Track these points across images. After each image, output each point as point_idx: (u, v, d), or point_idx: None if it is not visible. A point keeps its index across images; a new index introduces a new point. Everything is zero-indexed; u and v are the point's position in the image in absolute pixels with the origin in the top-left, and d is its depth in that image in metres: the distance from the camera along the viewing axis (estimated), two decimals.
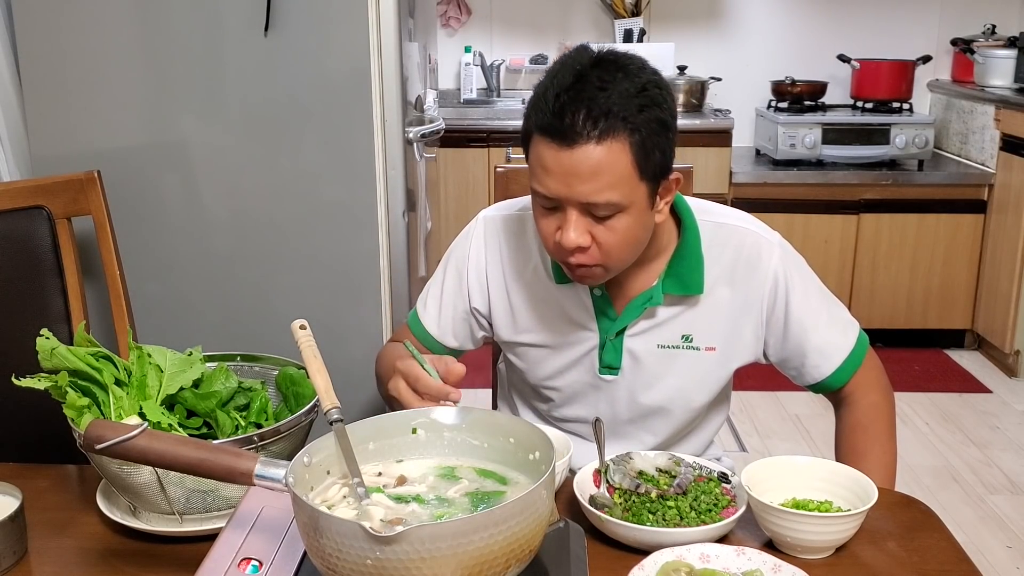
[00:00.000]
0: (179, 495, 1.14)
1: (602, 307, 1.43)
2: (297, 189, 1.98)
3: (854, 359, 1.47)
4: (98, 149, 1.97)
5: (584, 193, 1.23)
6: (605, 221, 1.25)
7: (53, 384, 1.17)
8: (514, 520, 0.89)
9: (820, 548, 1.12)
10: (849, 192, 3.95)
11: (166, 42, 1.92)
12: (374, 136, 1.96)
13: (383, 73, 1.93)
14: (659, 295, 1.40)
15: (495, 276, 1.49)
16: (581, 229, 1.25)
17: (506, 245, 1.48)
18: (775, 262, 1.41)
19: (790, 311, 1.42)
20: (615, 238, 1.27)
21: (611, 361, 1.44)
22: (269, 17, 1.89)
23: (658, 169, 1.26)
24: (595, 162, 1.21)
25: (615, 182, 1.22)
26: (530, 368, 1.51)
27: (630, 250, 1.31)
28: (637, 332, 1.43)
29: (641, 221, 1.28)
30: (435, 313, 1.53)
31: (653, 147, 1.24)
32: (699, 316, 1.42)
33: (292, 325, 1.21)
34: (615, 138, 1.21)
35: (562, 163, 1.22)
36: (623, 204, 1.24)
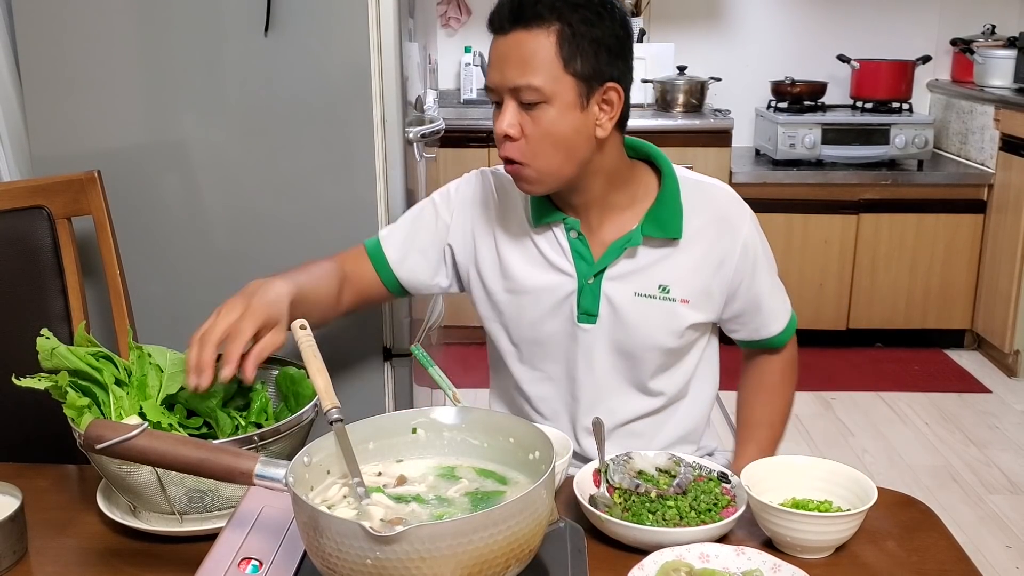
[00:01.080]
0: (179, 495, 1.14)
1: (579, 249, 1.46)
2: (297, 189, 1.98)
3: (792, 322, 1.60)
4: (98, 149, 1.97)
5: (511, 77, 1.33)
6: (532, 111, 1.34)
7: (53, 384, 1.17)
8: (514, 520, 0.89)
9: (820, 548, 1.12)
10: (849, 192, 3.95)
11: (166, 42, 1.92)
12: (374, 136, 1.96)
13: (383, 73, 1.93)
14: (638, 236, 1.44)
15: (483, 226, 1.53)
16: (513, 119, 1.35)
17: (498, 196, 1.54)
18: (747, 230, 1.49)
19: (755, 278, 1.51)
20: (539, 131, 1.34)
21: (589, 307, 1.47)
22: (269, 17, 1.89)
23: (589, 71, 1.33)
24: (523, 47, 1.32)
25: (538, 67, 1.32)
26: (510, 321, 1.52)
27: (557, 150, 1.36)
28: (616, 276, 1.46)
29: (568, 120, 1.34)
30: (400, 238, 1.56)
31: (582, 45, 1.32)
32: (677, 266, 1.46)
33: (292, 325, 1.21)
34: (541, 25, 1.32)
35: (498, 50, 1.36)
36: (546, 92, 1.32)
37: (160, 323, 1.99)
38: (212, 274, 2.05)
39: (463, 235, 1.54)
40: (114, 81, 1.95)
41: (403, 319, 2.05)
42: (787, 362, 1.63)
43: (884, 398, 3.66)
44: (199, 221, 2.01)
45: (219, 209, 2.00)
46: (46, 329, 1.21)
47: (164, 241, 2.01)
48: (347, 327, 2.03)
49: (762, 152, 4.21)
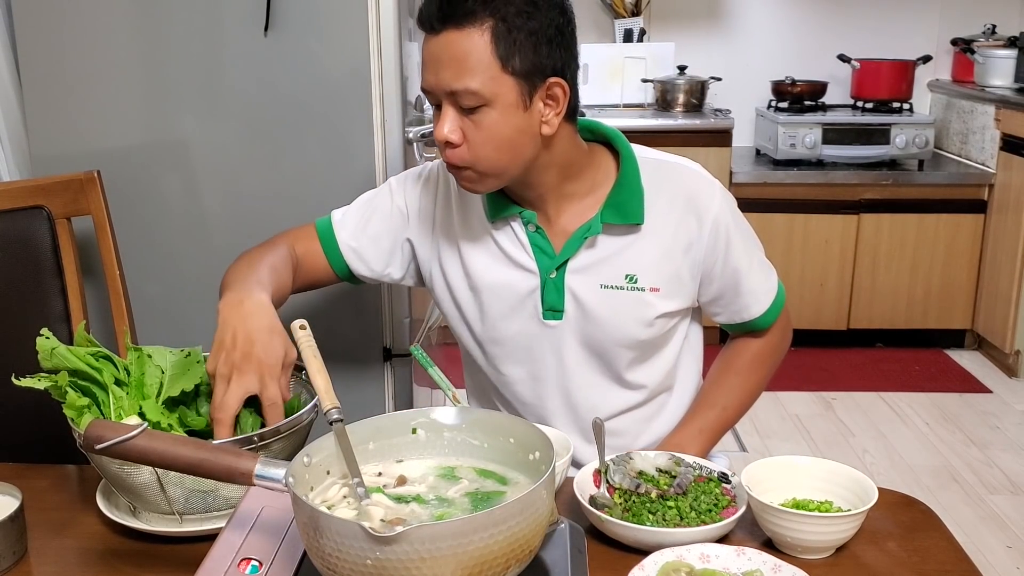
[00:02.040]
0: (179, 495, 1.14)
1: (538, 243, 1.42)
2: (297, 189, 1.98)
3: (779, 301, 1.53)
4: (98, 149, 1.96)
5: (446, 80, 1.26)
6: (472, 115, 1.27)
7: (53, 384, 1.17)
8: (514, 520, 0.89)
9: (820, 548, 1.12)
10: (849, 192, 3.95)
11: (166, 42, 1.92)
12: (374, 136, 1.95)
13: (383, 73, 1.92)
14: (597, 224, 1.39)
15: (444, 222, 1.48)
16: (453, 124, 1.28)
17: (456, 192, 1.47)
18: (716, 206, 1.43)
19: (729, 256, 1.44)
20: (481, 135, 1.28)
21: (553, 302, 1.42)
22: (269, 17, 1.89)
23: (529, 68, 1.26)
24: (456, 48, 1.24)
25: (474, 69, 1.24)
26: (474, 320, 1.48)
27: (499, 152, 1.30)
28: (578, 268, 1.41)
29: (510, 121, 1.28)
30: (353, 223, 1.51)
31: (520, 42, 1.25)
32: (642, 254, 1.41)
33: (292, 325, 1.21)
34: (474, 24, 1.24)
35: (431, 51, 1.27)
36: (484, 95, 1.25)
37: (160, 323, 1.99)
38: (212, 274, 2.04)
39: (423, 229, 1.49)
40: (114, 81, 1.95)
41: (403, 319, 2.04)
42: (765, 346, 1.55)
43: (885, 398, 3.66)
44: (199, 221, 2.01)
45: (219, 209, 2.00)
46: (46, 329, 1.21)
47: (164, 241, 2.01)
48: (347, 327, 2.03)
49: (762, 152, 4.21)
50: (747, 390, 1.55)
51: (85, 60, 1.93)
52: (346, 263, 1.51)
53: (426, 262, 1.51)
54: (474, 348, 1.52)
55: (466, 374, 1.63)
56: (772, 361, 1.58)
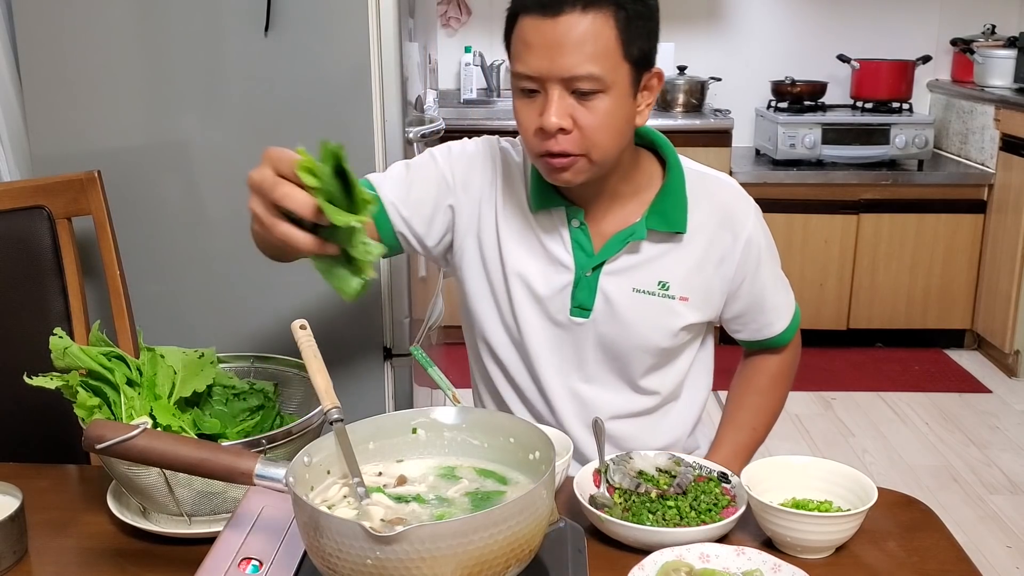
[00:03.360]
0: (187, 497, 1.14)
1: (580, 240, 1.40)
2: None
3: (796, 317, 1.56)
4: (98, 149, 1.96)
5: (567, 66, 1.22)
6: (587, 101, 1.25)
7: (64, 383, 1.17)
8: (514, 520, 0.89)
9: (820, 548, 1.12)
10: (849, 192, 3.95)
11: (166, 42, 1.92)
12: (374, 136, 1.96)
13: (383, 73, 1.93)
14: (642, 229, 1.38)
15: (488, 198, 1.44)
16: (563, 110, 1.25)
17: (502, 173, 1.45)
18: (751, 225, 1.44)
19: (758, 275, 1.46)
20: (596, 121, 1.25)
21: (584, 300, 1.41)
22: (269, 17, 1.89)
23: (640, 55, 1.27)
24: (580, 32, 1.22)
25: (598, 54, 1.22)
26: (501, 303, 1.45)
27: (612, 140, 1.29)
28: (615, 270, 1.40)
29: (622, 108, 1.27)
30: (396, 184, 1.42)
31: (637, 29, 1.25)
32: (678, 262, 1.41)
33: (292, 325, 1.21)
34: (600, 9, 1.22)
35: (546, 35, 1.23)
36: (605, 81, 1.24)
37: (160, 323, 1.99)
38: (212, 274, 2.05)
39: (466, 200, 1.44)
40: (114, 81, 1.95)
41: (403, 319, 2.05)
42: (784, 363, 1.58)
43: (884, 398, 3.66)
44: (199, 221, 2.01)
45: (219, 209, 2.00)
46: (59, 328, 1.21)
47: (164, 241, 2.01)
48: (347, 327, 2.03)
49: (762, 152, 4.21)
50: (772, 409, 1.58)
51: (85, 60, 1.93)
52: (389, 221, 1.41)
53: (462, 234, 1.45)
54: (495, 331, 1.48)
55: (473, 362, 1.60)
56: (790, 378, 1.61)
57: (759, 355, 1.58)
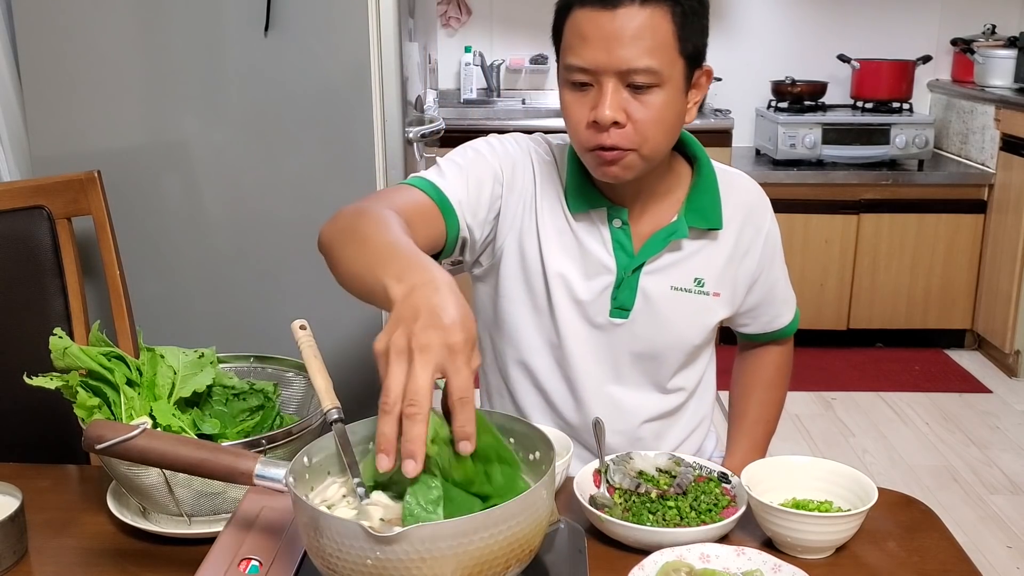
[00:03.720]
0: (187, 497, 1.14)
1: (620, 240, 1.39)
2: (297, 189, 1.98)
3: (797, 309, 1.58)
4: (98, 149, 1.97)
5: (625, 59, 1.22)
6: (642, 95, 1.24)
7: (64, 384, 1.17)
8: (514, 520, 0.89)
9: (820, 548, 1.12)
10: (849, 192, 3.95)
11: (166, 42, 1.92)
12: (374, 136, 1.96)
13: (383, 73, 1.93)
14: (684, 228, 1.38)
15: (530, 197, 1.40)
16: (617, 104, 1.24)
17: (539, 173, 1.41)
18: (769, 220, 1.47)
19: (772, 268, 1.48)
20: (651, 115, 1.25)
21: (624, 301, 1.40)
22: (269, 17, 1.89)
23: (694, 51, 1.27)
24: (638, 24, 1.22)
25: (656, 47, 1.23)
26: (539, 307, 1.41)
27: (664, 135, 1.29)
28: (655, 269, 1.39)
29: (675, 104, 1.27)
30: (456, 180, 1.33)
31: (692, 24, 1.25)
32: (712, 258, 1.42)
33: (292, 325, 1.21)
34: (658, 3, 1.23)
35: (603, 27, 1.22)
36: (662, 75, 1.24)
37: (160, 323, 1.99)
38: (212, 274, 2.05)
39: (514, 199, 1.40)
40: (114, 81, 1.95)
41: None
42: (784, 355, 1.60)
43: (884, 398, 3.66)
44: (199, 221, 2.01)
45: (219, 209, 2.00)
46: (59, 328, 1.21)
47: (164, 241, 2.02)
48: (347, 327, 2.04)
49: (762, 152, 4.21)
50: (780, 401, 1.61)
51: (85, 60, 1.93)
52: (457, 224, 1.33)
53: (504, 234, 1.41)
54: (530, 335, 1.44)
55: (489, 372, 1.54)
56: (790, 369, 1.63)
57: (763, 348, 1.59)
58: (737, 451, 1.53)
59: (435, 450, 0.89)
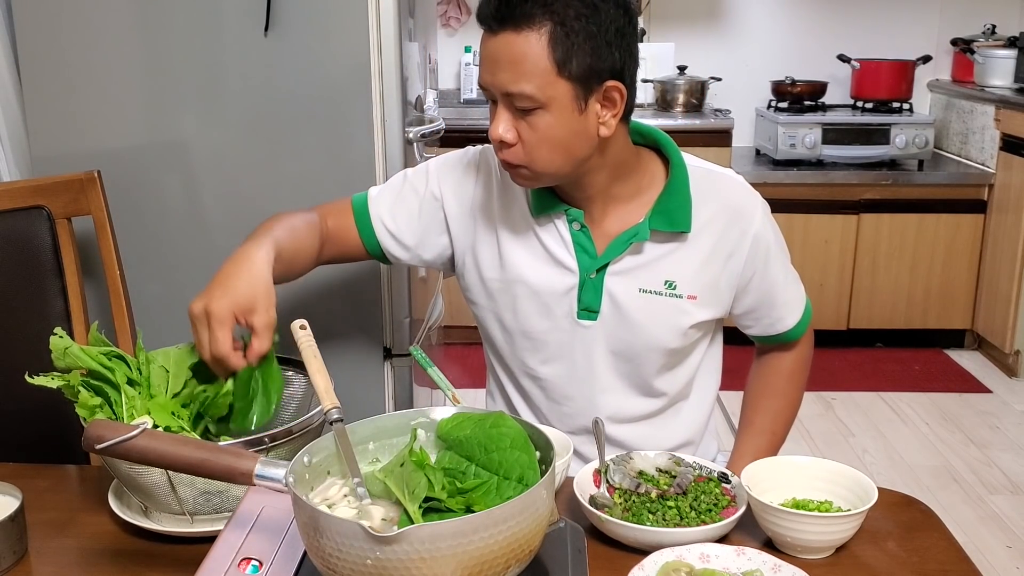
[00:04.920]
0: (189, 496, 1.14)
1: (581, 242, 1.40)
2: (297, 189, 1.98)
3: (807, 311, 1.56)
4: (98, 149, 1.96)
5: (503, 82, 1.26)
6: (528, 117, 1.27)
7: (65, 383, 1.17)
8: (514, 520, 0.89)
9: (820, 548, 1.12)
10: (849, 192, 3.95)
11: (166, 42, 1.92)
12: (374, 136, 1.95)
13: (383, 73, 1.93)
14: (645, 230, 1.38)
15: (484, 209, 1.46)
16: (508, 123, 1.28)
17: (500, 179, 1.46)
18: (758, 220, 1.44)
19: (767, 270, 1.46)
20: (536, 137, 1.28)
21: (590, 303, 1.41)
22: (269, 17, 1.89)
23: (586, 71, 1.25)
24: (513, 50, 1.24)
25: (530, 73, 1.24)
26: (506, 313, 1.46)
27: (554, 153, 1.30)
28: (620, 271, 1.40)
29: (565, 123, 1.27)
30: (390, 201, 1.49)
31: (577, 46, 1.24)
32: (684, 261, 1.41)
33: (292, 325, 1.21)
34: (532, 27, 1.23)
35: (488, 49, 1.27)
36: (539, 99, 1.25)
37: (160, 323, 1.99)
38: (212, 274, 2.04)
39: (461, 213, 1.47)
40: (114, 81, 1.95)
41: (403, 319, 2.05)
42: (798, 361, 1.58)
43: (884, 398, 3.66)
44: (199, 221, 2.01)
45: (219, 209, 2.00)
46: (60, 328, 1.21)
47: (164, 241, 2.01)
48: (347, 327, 2.03)
49: (762, 152, 4.21)
50: (790, 410, 1.60)
51: (85, 60, 1.93)
52: (377, 240, 1.49)
53: (461, 248, 1.48)
54: (501, 340, 1.50)
55: (488, 370, 1.61)
56: (805, 375, 1.60)
57: (773, 352, 1.58)
58: (740, 461, 1.51)
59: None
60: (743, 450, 1.54)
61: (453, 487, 0.99)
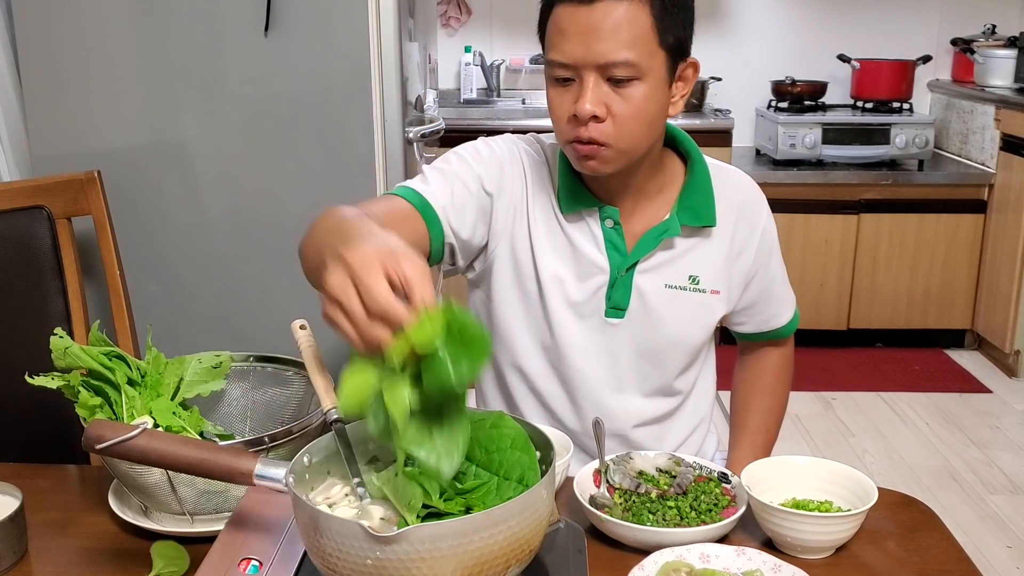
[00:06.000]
0: (190, 496, 1.14)
1: (613, 240, 1.38)
2: (297, 189, 1.98)
3: (796, 310, 1.57)
4: (98, 149, 1.97)
5: (603, 52, 1.22)
6: (622, 88, 1.24)
7: (65, 383, 1.17)
8: (514, 520, 0.89)
9: (820, 548, 1.12)
10: (849, 192, 3.95)
11: (166, 42, 1.92)
12: (374, 136, 1.96)
13: (383, 73, 1.93)
14: (676, 226, 1.37)
15: (520, 201, 1.40)
16: (597, 98, 1.24)
17: (531, 175, 1.41)
18: (764, 216, 1.46)
19: (769, 265, 1.47)
20: (630, 109, 1.25)
21: (619, 301, 1.39)
22: (269, 17, 1.89)
23: (676, 44, 1.27)
24: (616, 18, 1.21)
25: (634, 41, 1.22)
26: (532, 310, 1.41)
27: (644, 129, 1.28)
28: (648, 268, 1.39)
29: (657, 97, 1.27)
30: (439, 187, 1.34)
31: (674, 16, 1.25)
32: (707, 256, 1.41)
33: (292, 325, 1.21)
34: None
35: (581, 22, 1.23)
36: (642, 68, 1.23)
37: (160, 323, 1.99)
38: (212, 274, 2.05)
39: (503, 204, 1.39)
40: (114, 81, 1.95)
41: None
42: (786, 357, 1.59)
43: (884, 398, 3.66)
44: (199, 221, 2.01)
45: (219, 209, 2.00)
46: (60, 328, 1.21)
47: (164, 241, 2.02)
48: None
49: (762, 152, 4.21)
50: (781, 406, 1.60)
51: (85, 60, 1.93)
52: (442, 231, 1.33)
53: (496, 240, 1.40)
54: (525, 340, 1.43)
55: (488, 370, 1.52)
56: (791, 370, 1.61)
57: (761, 349, 1.58)
58: (739, 460, 1.52)
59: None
60: (741, 450, 1.54)
61: (452, 488, 0.99)
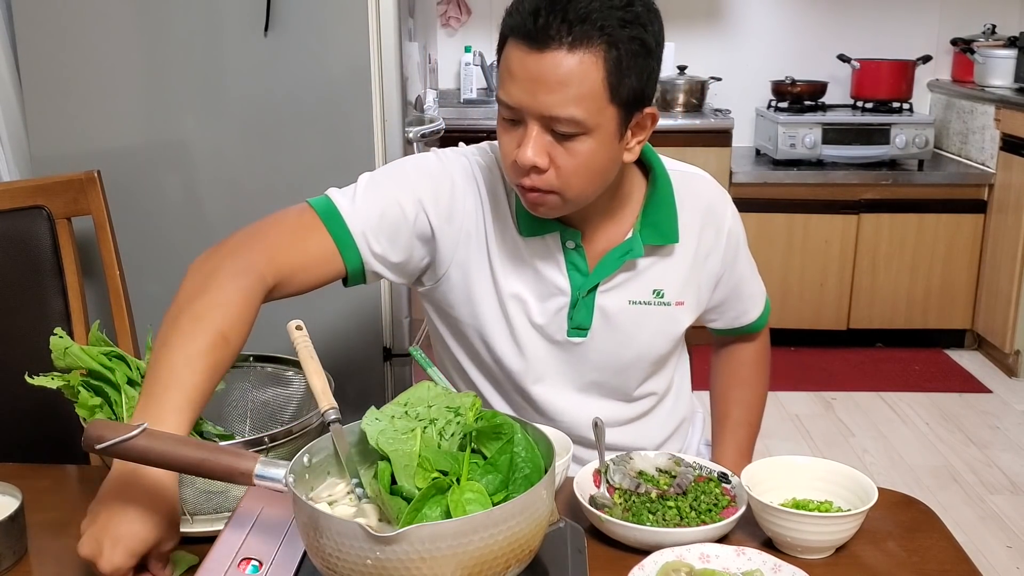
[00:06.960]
0: (189, 496, 1.14)
1: (574, 261, 1.34)
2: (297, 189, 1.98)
3: (768, 303, 1.55)
4: (98, 149, 1.97)
5: (547, 104, 1.15)
6: (566, 142, 1.17)
7: (65, 383, 1.17)
8: (514, 520, 0.89)
9: (820, 548, 1.12)
10: (849, 192, 3.95)
11: (166, 42, 1.93)
12: (374, 136, 1.96)
13: (383, 73, 1.93)
14: (639, 247, 1.33)
15: (475, 224, 1.33)
16: (540, 148, 1.17)
17: (488, 197, 1.34)
18: (730, 216, 1.43)
19: (736, 264, 1.46)
20: (574, 163, 1.18)
21: (581, 321, 1.36)
22: (269, 17, 1.89)
23: (632, 97, 1.19)
24: (564, 71, 1.13)
25: (581, 97, 1.14)
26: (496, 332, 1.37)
27: (590, 181, 1.22)
28: (611, 287, 1.36)
29: (606, 151, 1.20)
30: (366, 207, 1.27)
31: (630, 70, 1.16)
32: (670, 268, 1.38)
33: (288, 325, 1.21)
34: (589, 48, 1.13)
35: (529, 68, 1.14)
36: (587, 125, 1.16)
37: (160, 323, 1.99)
38: None
39: (452, 227, 1.32)
40: (114, 81, 1.95)
41: (403, 319, 2.05)
42: (761, 349, 1.58)
43: (884, 398, 3.66)
44: (199, 221, 2.01)
45: (219, 209, 2.00)
46: (60, 328, 1.21)
47: (164, 241, 2.02)
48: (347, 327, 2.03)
49: (762, 152, 4.21)
50: (761, 398, 1.59)
51: (85, 60, 1.93)
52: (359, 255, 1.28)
53: (445, 262, 1.35)
54: (486, 356, 1.42)
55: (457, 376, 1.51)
56: (768, 362, 1.61)
57: (735, 344, 1.58)
58: (723, 455, 1.52)
59: None
60: (725, 445, 1.54)
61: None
